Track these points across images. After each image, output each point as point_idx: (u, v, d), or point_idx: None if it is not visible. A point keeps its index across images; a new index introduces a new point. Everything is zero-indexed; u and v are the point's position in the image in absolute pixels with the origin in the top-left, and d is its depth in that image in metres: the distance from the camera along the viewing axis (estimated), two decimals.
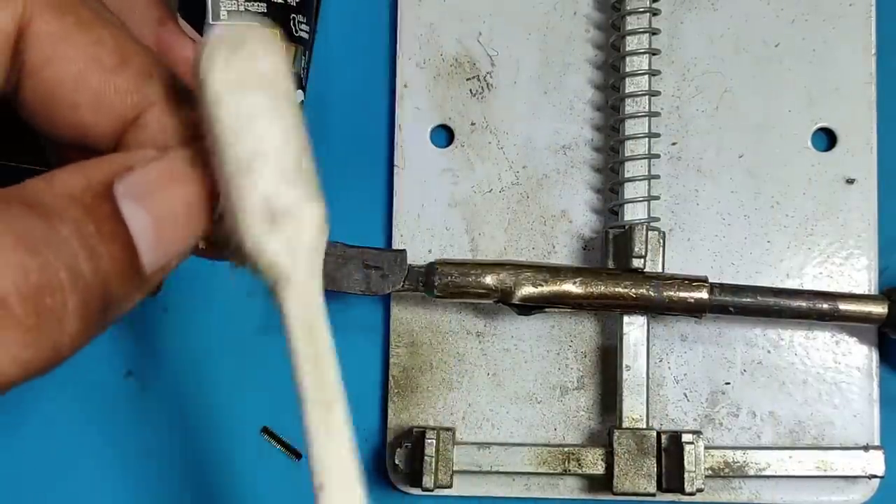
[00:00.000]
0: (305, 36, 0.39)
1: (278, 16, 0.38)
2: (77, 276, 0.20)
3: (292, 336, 0.23)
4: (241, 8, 0.38)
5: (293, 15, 0.39)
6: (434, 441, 0.36)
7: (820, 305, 0.36)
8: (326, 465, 0.23)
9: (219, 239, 0.24)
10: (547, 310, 0.37)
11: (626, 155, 0.38)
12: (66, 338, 0.21)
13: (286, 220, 0.22)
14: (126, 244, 0.21)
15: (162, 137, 0.24)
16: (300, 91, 0.39)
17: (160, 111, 0.24)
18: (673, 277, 0.36)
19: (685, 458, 0.36)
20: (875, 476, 0.37)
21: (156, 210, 0.22)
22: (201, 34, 0.37)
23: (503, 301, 0.36)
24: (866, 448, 0.37)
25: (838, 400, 0.39)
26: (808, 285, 0.39)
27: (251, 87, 0.22)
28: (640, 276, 0.36)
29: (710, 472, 0.37)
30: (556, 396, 0.39)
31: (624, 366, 0.37)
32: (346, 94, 0.41)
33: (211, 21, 0.37)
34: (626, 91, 0.38)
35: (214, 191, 0.23)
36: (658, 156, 0.39)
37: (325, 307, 0.23)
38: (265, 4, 0.38)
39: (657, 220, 0.38)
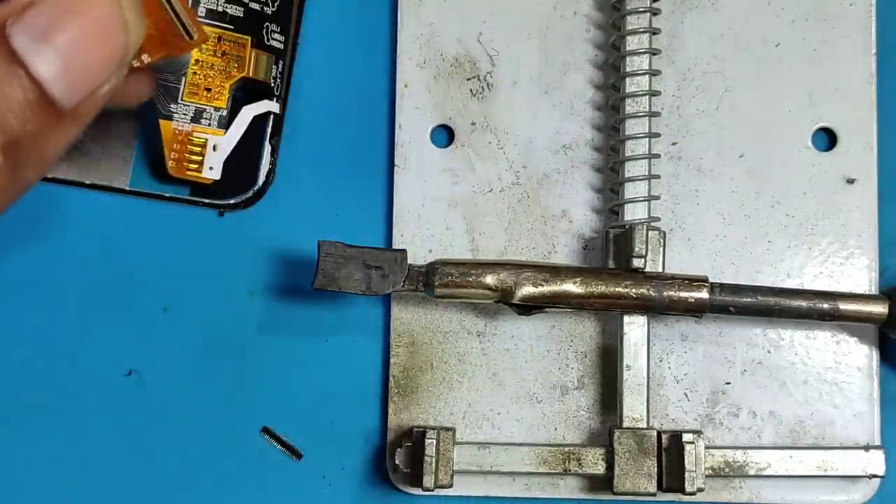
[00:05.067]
0: (279, 45, 0.39)
1: (251, 23, 0.38)
2: None
3: None
4: (220, 8, 0.38)
5: (266, 23, 0.39)
6: (434, 441, 0.36)
7: (820, 305, 0.36)
8: None
9: None
10: (547, 310, 0.37)
11: (626, 155, 0.38)
12: None
13: None
14: (26, 82, 0.22)
15: None
16: (275, 100, 0.39)
17: None
18: (673, 277, 0.36)
19: (685, 457, 0.36)
20: (876, 476, 0.37)
21: (62, 41, 0.22)
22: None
23: (503, 301, 0.36)
24: (867, 448, 0.37)
25: (839, 400, 0.39)
26: (809, 285, 0.39)
27: None
28: (641, 276, 0.36)
29: (710, 471, 0.37)
30: (557, 396, 0.39)
31: (624, 366, 0.37)
32: (346, 95, 0.41)
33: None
34: (627, 91, 0.38)
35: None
36: (658, 156, 0.39)
37: None
38: (242, 9, 0.38)
39: (657, 220, 0.38)
